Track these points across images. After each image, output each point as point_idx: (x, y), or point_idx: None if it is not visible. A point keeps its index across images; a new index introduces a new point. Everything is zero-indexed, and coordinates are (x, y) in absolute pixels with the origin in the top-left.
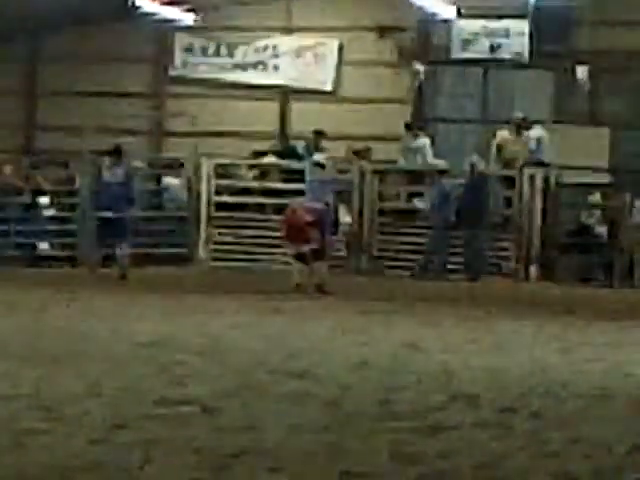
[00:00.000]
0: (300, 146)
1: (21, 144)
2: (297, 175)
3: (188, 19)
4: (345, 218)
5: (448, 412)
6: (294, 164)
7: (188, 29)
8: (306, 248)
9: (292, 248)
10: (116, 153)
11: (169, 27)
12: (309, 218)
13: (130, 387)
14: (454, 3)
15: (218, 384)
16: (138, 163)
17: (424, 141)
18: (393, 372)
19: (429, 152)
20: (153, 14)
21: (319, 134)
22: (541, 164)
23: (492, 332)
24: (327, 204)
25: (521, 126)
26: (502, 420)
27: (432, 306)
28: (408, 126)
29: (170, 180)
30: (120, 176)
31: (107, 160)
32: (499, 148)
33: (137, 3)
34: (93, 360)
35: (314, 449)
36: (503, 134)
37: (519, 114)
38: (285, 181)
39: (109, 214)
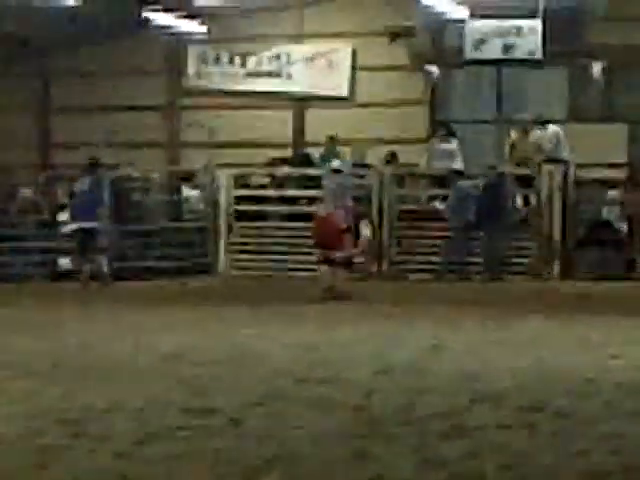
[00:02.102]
0: (316, 153)
1: (37, 161)
2: (313, 182)
3: (200, 30)
4: (364, 231)
5: (472, 413)
6: (310, 171)
7: (200, 40)
8: (339, 255)
9: (323, 254)
10: (91, 165)
11: (181, 39)
12: (343, 225)
13: (154, 400)
14: (466, 4)
15: (243, 394)
16: (155, 175)
17: (454, 143)
18: (417, 375)
19: (459, 155)
20: (165, 26)
21: (332, 139)
22: (559, 161)
23: (514, 332)
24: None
25: (528, 126)
26: (527, 420)
27: (453, 308)
28: (441, 127)
29: (189, 191)
30: (88, 185)
31: (80, 172)
32: (512, 148)
33: (148, 16)
34: (116, 374)
35: (341, 456)
36: (514, 135)
37: (525, 115)
38: (302, 188)
39: (82, 224)
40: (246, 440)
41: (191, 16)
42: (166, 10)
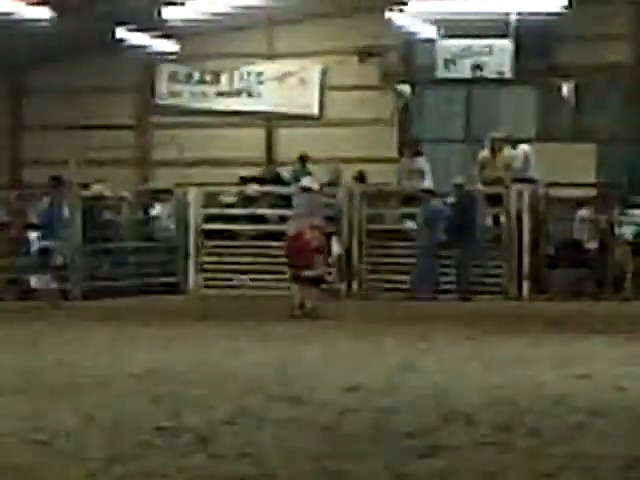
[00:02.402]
0: (286, 172)
1: (7, 178)
2: (283, 201)
3: (171, 48)
4: (335, 248)
5: (445, 432)
6: (280, 190)
7: (172, 58)
8: (309, 274)
9: (294, 272)
10: (53, 183)
11: (153, 57)
12: (315, 243)
13: (126, 418)
14: (436, 23)
15: (214, 412)
16: (125, 193)
17: (423, 162)
18: (388, 394)
19: (429, 173)
20: (136, 45)
21: (303, 159)
22: (528, 181)
23: (486, 350)
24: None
25: (495, 145)
26: (500, 438)
27: (425, 326)
28: (409, 146)
29: (158, 209)
30: (48, 203)
31: (42, 190)
32: (482, 167)
33: (120, 34)
34: (88, 393)
35: (313, 474)
36: (484, 153)
37: (493, 134)
38: (272, 207)
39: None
40: (217, 459)
41: (163, 35)
42: (138, 29)
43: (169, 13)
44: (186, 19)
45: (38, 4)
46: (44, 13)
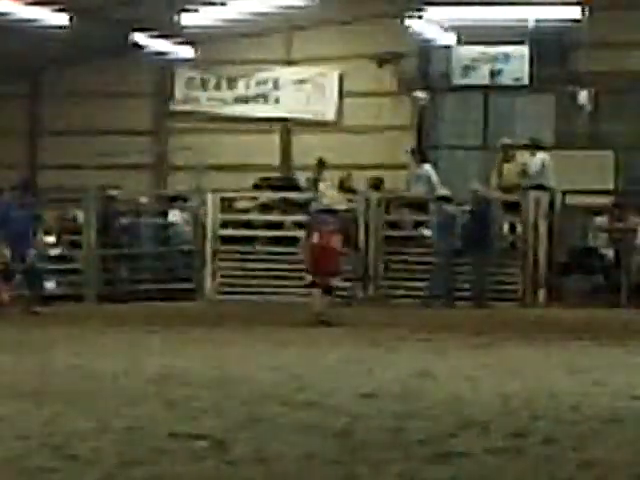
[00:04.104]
0: (301, 177)
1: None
2: (298, 207)
3: (188, 54)
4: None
5: (459, 439)
6: (296, 196)
7: (188, 63)
8: (333, 281)
9: (318, 279)
10: (22, 187)
11: (169, 62)
12: (340, 250)
13: (141, 423)
14: (453, 30)
15: (229, 417)
16: (142, 199)
17: (427, 168)
18: (403, 400)
19: (435, 179)
20: (153, 50)
21: (322, 163)
22: (545, 188)
23: (501, 358)
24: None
25: (508, 152)
26: (514, 445)
27: (440, 333)
28: (413, 152)
29: (176, 215)
30: (17, 207)
31: (9, 194)
32: (499, 173)
33: (137, 40)
34: (103, 397)
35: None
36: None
37: (505, 140)
38: (287, 212)
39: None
40: (233, 464)
41: (180, 41)
42: (155, 35)
43: (186, 19)
44: (203, 25)
45: (57, 10)
46: (62, 18)
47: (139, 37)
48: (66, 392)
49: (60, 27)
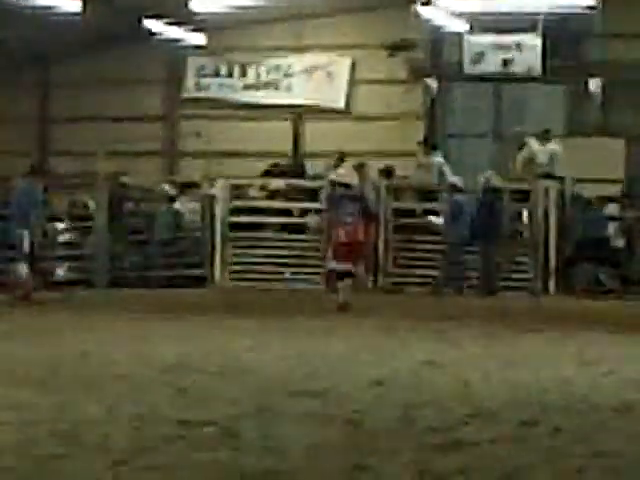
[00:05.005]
0: (310, 165)
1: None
2: (307, 195)
3: (200, 40)
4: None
5: (469, 428)
6: (307, 183)
7: (200, 50)
8: (359, 269)
9: (343, 266)
10: (32, 172)
11: (181, 49)
12: (363, 239)
13: (150, 410)
14: (465, 18)
15: (238, 405)
16: (153, 185)
17: (437, 158)
18: (412, 389)
19: (447, 169)
20: (165, 37)
21: (342, 158)
22: (555, 177)
23: (510, 347)
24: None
25: (524, 140)
26: (523, 435)
27: (450, 322)
28: (425, 142)
29: (185, 201)
30: (23, 192)
31: (20, 179)
32: (530, 160)
33: (149, 26)
34: (112, 384)
35: (335, 469)
36: (533, 145)
37: (515, 129)
38: (296, 200)
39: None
40: (243, 452)
41: (191, 28)
42: (167, 22)
43: (198, 6)
44: (214, 12)
45: None
46: (75, 5)
47: (151, 24)
48: (75, 379)
49: (72, 14)
